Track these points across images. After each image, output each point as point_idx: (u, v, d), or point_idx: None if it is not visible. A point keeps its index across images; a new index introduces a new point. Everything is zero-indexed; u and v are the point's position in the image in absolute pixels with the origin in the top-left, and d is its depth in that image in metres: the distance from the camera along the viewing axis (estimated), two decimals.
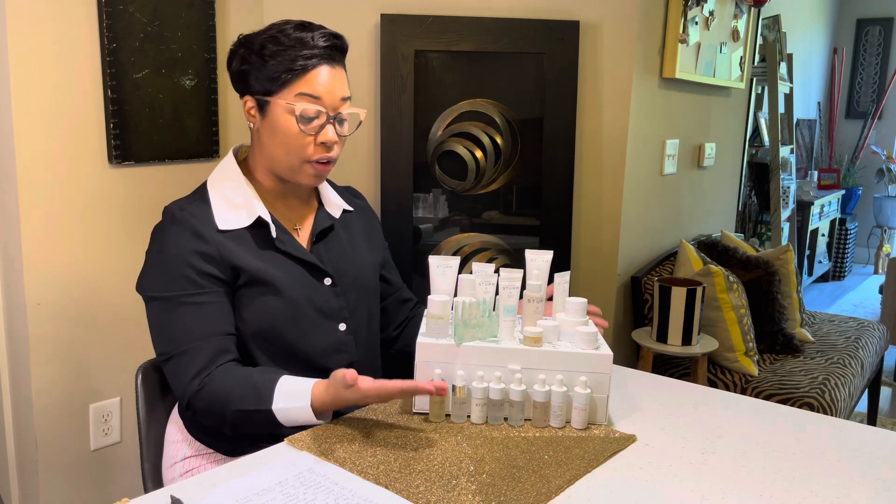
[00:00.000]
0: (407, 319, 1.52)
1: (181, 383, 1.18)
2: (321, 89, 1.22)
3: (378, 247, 1.47)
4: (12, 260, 1.69)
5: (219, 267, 1.21)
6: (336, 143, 1.26)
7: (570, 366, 1.20)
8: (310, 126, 1.23)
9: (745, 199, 4.35)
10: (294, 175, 1.27)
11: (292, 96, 1.21)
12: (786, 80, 4.48)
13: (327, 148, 1.25)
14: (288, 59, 1.21)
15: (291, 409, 1.14)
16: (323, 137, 1.23)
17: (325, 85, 1.22)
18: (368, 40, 2.15)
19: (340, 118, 1.26)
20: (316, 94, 1.22)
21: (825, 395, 2.18)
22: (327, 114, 1.23)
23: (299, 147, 1.23)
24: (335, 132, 1.25)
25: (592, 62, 2.22)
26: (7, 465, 1.81)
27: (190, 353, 1.18)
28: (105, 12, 1.72)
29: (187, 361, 1.18)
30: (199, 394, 1.17)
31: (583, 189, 2.28)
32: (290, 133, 1.22)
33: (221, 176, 1.29)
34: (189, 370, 1.18)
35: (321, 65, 1.22)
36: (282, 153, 1.25)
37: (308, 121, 1.22)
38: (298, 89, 1.21)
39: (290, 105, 1.21)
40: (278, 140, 1.24)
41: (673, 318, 2.10)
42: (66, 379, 1.78)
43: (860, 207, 6.43)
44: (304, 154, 1.24)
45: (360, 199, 1.49)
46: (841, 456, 1.15)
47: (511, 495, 0.98)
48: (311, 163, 1.25)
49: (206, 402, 1.16)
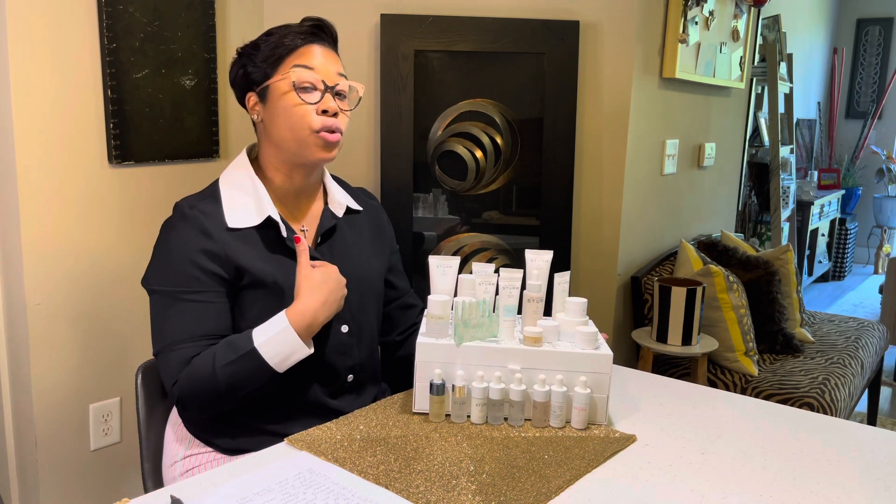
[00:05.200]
0: (413, 326, 1.51)
1: (169, 378, 1.19)
2: (315, 61, 1.25)
3: (385, 250, 1.46)
4: (12, 260, 1.69)
5: (223, 266, 1.21)
6: (339, 113, 1.27)
7: (570, 366, 1.20)
8: (309, 96, 1.24)
9: (745, 199, 4.35)
10: (304, 152, 1.26)
11: (288, 69, 1.24)
12: (786, 80, 4.48)
13: (329, 117, 1.25)
14: (277, 39, 1.26)
15: (272, 338, 1.16)
16: (324, 105, 1.24)
17: (317, 57, 1.26)
18: (368, 40, 2.15)
19: (339, 91, 1.27)
20: (310, 65, 1.24)
21: (825, 395, 2.18)
22: (324, 82, 1.25)
23: (301, 119, 1.24)
24: (335, 102, 1.26)
25: (592, 62, 2.22)
26: (7, 465, 1.81)
27: (180, 350, 1.18)
28: (105, 12, 1.72)
29: (176, 357, 1.18)
30: (183, 381, 1.17)
31: (583, 189, 2.28)
32: (292, 107, 1.24)
33: (233, 174, 1.30)
34: (177, 366, 1.18)
35: (310, 42, 1.26)
36: (287, 132, 1.25)
37: (306, 90, 1.24)
38: (293, 62, 1.25)
39: (287, 77, 1.23)
40: (282, 120, 1.25)
41: (673, 318, 2.10)
42: (66, 379, 1.78)
43: (860, 207, 6.43)
44: (309, 124, 1.24)
45: (373, 199, 1.49)
46: (841, 456, 1.15)
47: (511, 495, 0.98)
48: (318, 133, 1.25)
49: (193, 383, 1.16)
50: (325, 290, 1.21)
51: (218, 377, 1.15)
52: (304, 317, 1.18)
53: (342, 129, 1.28)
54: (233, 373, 1.16)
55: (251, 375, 1.16)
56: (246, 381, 1.17)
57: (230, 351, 1.17)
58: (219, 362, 1.16)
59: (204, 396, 1.18)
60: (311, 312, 1.19)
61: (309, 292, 1.19)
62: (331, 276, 1.22)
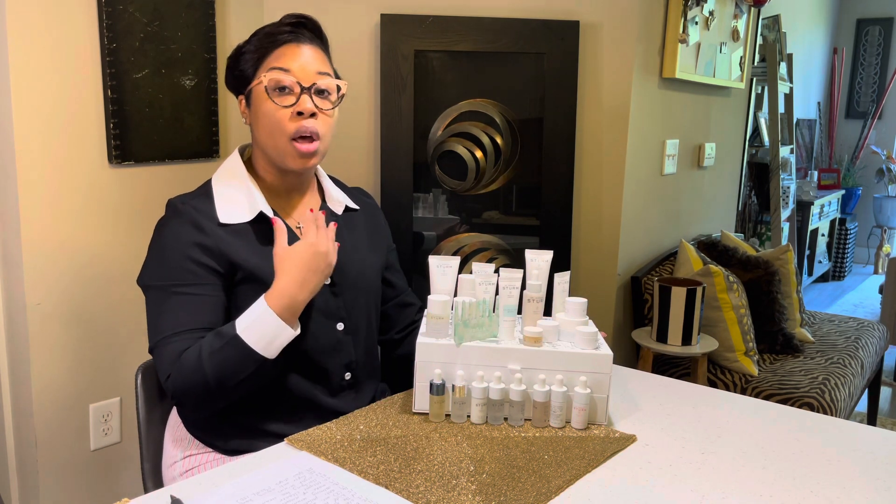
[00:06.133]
0: (412, 324, 1.51)
1: (163, 373, 1.18)
2: (291, 63, 1.23)
3: (381, 248, 1.46)
4: (12, 260, 1.69)
5: (217, 260, 1.21)
6: (316, 115, 1.24)
7: (570, 366, 1.20)
8: (283, 98, 1.23)
9: (745, 199, 4.35)
10: (282, 159, 1.26)
11: (264, 73, 1.24)
12: (786, 80, 4.48)
13: (305, 119, 1.23)
14: (257, 41, 1.26)
15: (253, 322, 1.15)
16: (299, 107, 1.23)
17: (295, 59, 1.24)
18: (368, 40, 2.15)
19: (319, 89, 1.25)
20: (285, 67, 1.23)
21: (825, 395, 2.18)
22: (300, 84, 1.23)
23: (277, 124, 1.23)
24: (312, 103, 1.23)
25: (592, 62, 2.22)
26: (7, 465, 1.81)
27: (174, 343, 1.17)
28: (105, 12, 1.72)
29: (169, 351, 1.17)
30: (174, 374, 1.16)
31: (583, 189, 2.28)
32: (268, 112, 1.23)
33: (226, 172, 1.30)
34: (171, 359, 1.17)
35: (290, 42, 1.25)
36: (266, 137, 1.25)
37: (280, 92, 1.23)
38: (269, 65, 1.24)
39: (262, 81, 1.23)
40: (262, 124, 1.25)
41: (673, 318, 2.10)
42: (66, 379, 1.78)
43: (860, 207, 6.43)
44: (283, 129, 1.23)
45: (369, 199, 1.49)
46: (841, 456, 1.15)
47: (511, 495, 0.98)
48: (294, 141, 1.24)
49: (184, 376, 1.15)
50: (302, 268, 1.18)
51: (205, 367, 1.14)
52: (283, 298, 1.16)
53: (320, 132, 1.25)
54: (219, 362, 1.14)
55: (238, 363, 1.15)
56: (234, 369, 1.15)
57: (216, 340, 1.16)
58: (205, 352, 1.15)
59: (196, 389, 1.15)
60: (289, 293, 1.17)
61: (285, 273, 1.18)
62: (306, 253, 1.19)
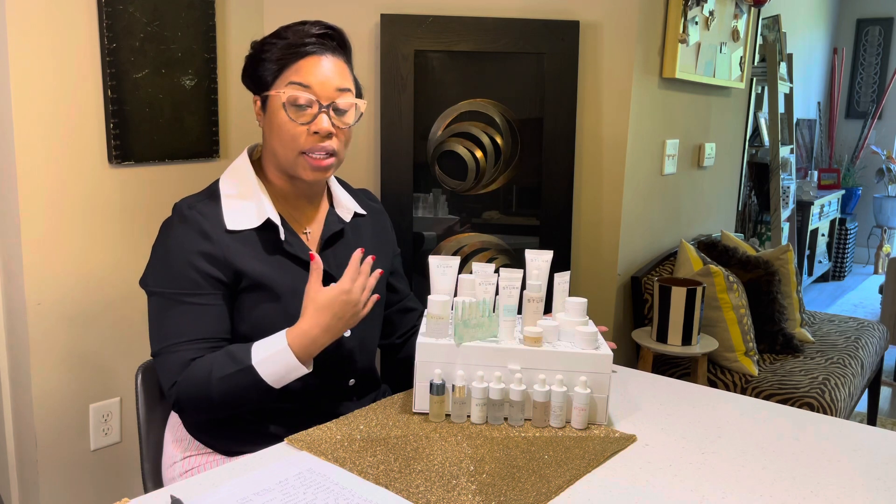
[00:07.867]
0: (413, 329, 1.51)
1: (167, 380, 1.18)
2: (312, 78, 1.21)
3: (388, 254, 1.45)
4: (12, 260, 1.69)
5: (221, 269, 1.20)
6: (333, 134, 1.23)
7: (570, 366, 1.20)
8: (300, 115, 1.21)
9: (745, 199, 4.35)
10: (294, 170, 1.25)
11: (284, 86, 1.21)
12: (786, 80, 4.48)
13: (321, 138, 1.22)
14: (281, 49, 1.22)
15: (271, 356, 1.15)
16: (315, 127, 1.21)
17: (316, 74, 1.21)
18: (368, 40, 2.15)
19: (337, 108, 1.24)
20: (306, 83, 1.21)
21: (825, 395, 2.18)
22: (319, 103, 1.21)
23: (292, 138, 1.22)
24: (329, 122, 1.22)
25: (592, 62, 2.22)
26: (7, 465, 1.81)
27: (180, 353, 1.18)
28: (105, 12, 1.72)
29: (175, 360, 1.18)
30: (181, 384, 1.16)
31: (583, 189, 2.28)
32: (283, 124, 1.22)
33: (234, 175, 1.28)
34: (175, 368, 1.17)
35: (313, 54, 1.22)
36: (279, 146, 1.24)
37: (298, 109, 1.21)
38: (289, 78, 1.21)
39: (282, 93, 1.21)
40: (275, 134, 1.24)
41: (673, 318, 2.10)
42: (66, 379, 1.78)
43: (860, 207, 6.43)
44: (298, 145, 1.22)
45: (375, 202, 1.47)
46: (841, 456, 1.15)
47: (511, 495, 0.98)
48: (306, 155, 1.23)
49: (189, 388, 1.16)
50: (330, 314, 1.17)
51: (213, 387, 1.15)
52: (304, 339, 1.16)
53: (336, 149, 1.24)
54: (229, 386, 1.15)
55: (246, 390, 1.16)
56: (241, 394, 1.16)
57: (229, 363, 1.15)
58: (216, 373, 1.15)
59: (199, 403, 1.17)
60: (312, 335, 1.17)
61: (313, 315, 1.17)
62: (337, 300, 1.17)
